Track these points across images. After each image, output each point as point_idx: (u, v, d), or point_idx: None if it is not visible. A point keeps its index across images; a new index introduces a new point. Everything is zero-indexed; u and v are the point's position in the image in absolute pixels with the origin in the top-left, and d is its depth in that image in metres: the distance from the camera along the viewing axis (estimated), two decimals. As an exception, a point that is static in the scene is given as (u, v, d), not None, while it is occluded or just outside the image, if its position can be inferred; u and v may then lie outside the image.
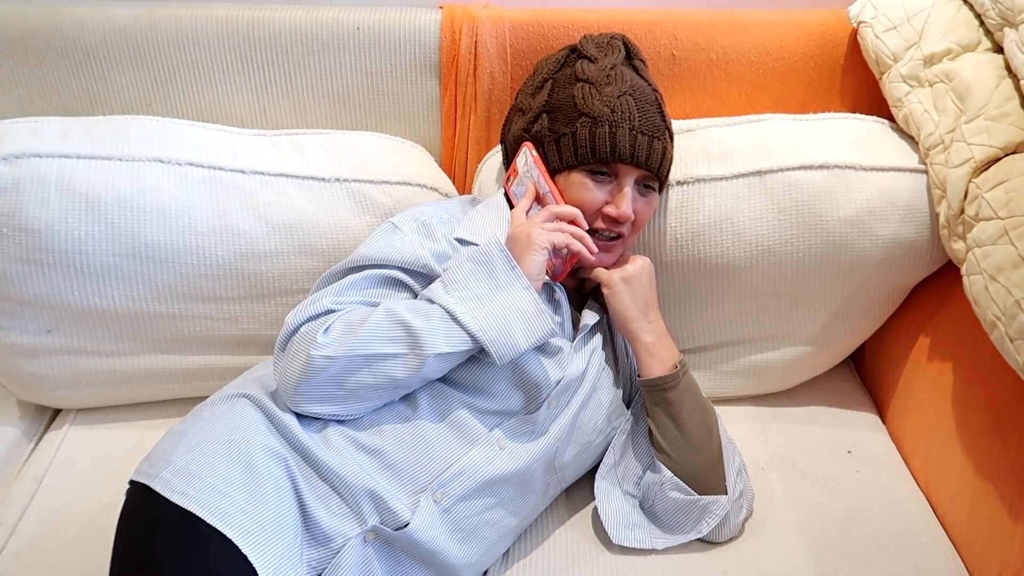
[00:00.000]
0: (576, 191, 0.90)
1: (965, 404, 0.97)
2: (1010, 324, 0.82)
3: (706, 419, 0.92)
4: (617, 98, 0.89)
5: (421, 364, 0.79)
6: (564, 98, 0.92)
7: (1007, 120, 0.93)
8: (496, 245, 0.83)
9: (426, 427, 0.83)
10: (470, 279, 0.82)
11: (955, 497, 0.95)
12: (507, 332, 0.80)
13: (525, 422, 0.86)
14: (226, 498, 0.72)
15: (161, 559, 0.69)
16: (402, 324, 0.79)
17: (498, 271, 0.82)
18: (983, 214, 0.90)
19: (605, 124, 0.88)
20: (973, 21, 1.03)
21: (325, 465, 0.78)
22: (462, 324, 0.80)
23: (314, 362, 0.77)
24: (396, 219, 0.91)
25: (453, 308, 0.80)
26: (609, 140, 0.88)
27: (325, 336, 0.78)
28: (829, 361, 1.15)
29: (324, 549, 0.77)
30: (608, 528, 0.91)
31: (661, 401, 0.91)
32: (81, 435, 1.07)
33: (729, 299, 1.07)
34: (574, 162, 0.90)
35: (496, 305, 0.81)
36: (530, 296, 0.82)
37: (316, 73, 1.11)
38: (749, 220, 1.02)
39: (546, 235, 0.84)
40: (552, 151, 0.91)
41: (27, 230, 0.95)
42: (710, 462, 0.91)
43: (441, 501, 0.81)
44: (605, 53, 0.95)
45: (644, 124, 0.89)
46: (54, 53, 1.08)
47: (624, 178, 0.90)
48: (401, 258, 0.85)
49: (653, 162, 0.90)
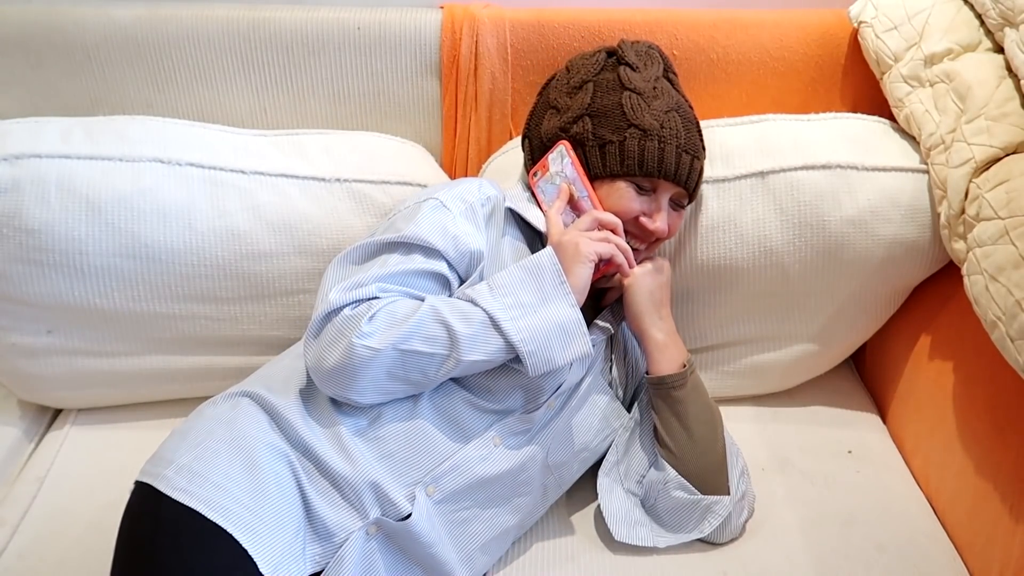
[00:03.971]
0: (617, 200, 0.90)
1: (966, 404, 0.97)
2: (1011, 324, 0.82)
3: (712, 420, 0.93)
4: (665, 113, 0.90)
5: (456, 367, 0.79)
6: (610, 105, 0.91)
7: (1008, 120, 0.93)
8: (549, 257, 0.82)
9: (424, 421, 0.83)
10: (518, 287, 0.81)
11: (956, 497, 0.95)
12: (546, 347, 0.79)
13: (522, 421, 0.86)
14: (226, 494, 0.72)
15: (162, 554, 0.69)
16: (444, 325, 0.78)
17: (547, 283, 0.81)
18: (984, 214, 0.90)
19: (655, 139, 0.88)
20: (974, 21, 1.03)
21: (326, 460, 0.79)
22: (504, 332, 0.79)
23: (356, 350, 0.75)
24: (441, 196, 0.87)
25: (497, 315, 0.79)
26: (658, 155, 0.88)
27: (369, 324, 0.76)
28: (830, 361, 1.15)
29: (327, 544, 0.77)
30: (610, 525, 0.91)
31: (668, 399, 0.91)
32: (82, 435, 1.07)
33: (731, 300, 1.07)
34: (619, 171, 0.89)
35: (539, 318, 0.80)
36: (575, 315, 0.81)
37: (316, 73, 1.11)
38: (752, 221, 1.02)
39: (593, 246, 0.84)
40: (595, 156, 0.90)
41: (27, 230, 0.95)
42: (714, 462, 0.91)
43: (433, 495, 0.81)
44: (646, 64, 0.94)
45: (689, 144, 0.91)
46: (55, 53, 1.08)
47: (663, 194, 0.91)
48: (455, 245, 0.84)
49: (691, 182, 0.92)
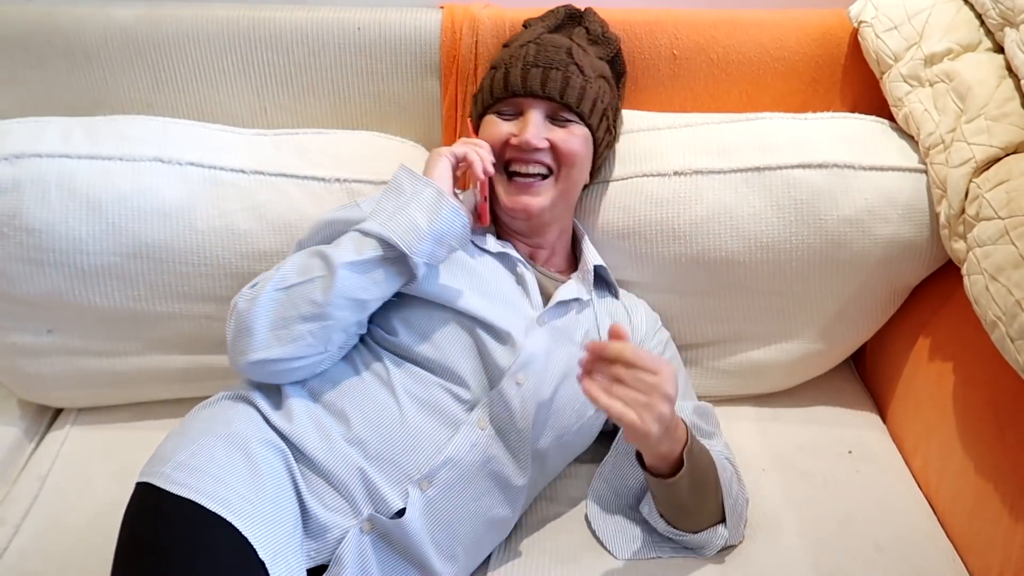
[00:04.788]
0: (488, 132, 0.95)
1: (966, 404, 0.96)
2: (1011, 324, 0.82)
3: (705, 485, 0.85)
4: (521, 47, 0.96)
5: (334, 277, 0.80)
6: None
7: (1008, 120, 0.93)
8: (402, 166, 0.87)
9: (410, 416, 0.83)
10: (382, 201, 0.85)
11: (956, 497, 0.95)
12: (408, 221, 0.82)
13: (492, 401, 0.84)
14: (225, 485, 0.73)
15: (165, 543, 0.70)
16: (315, 254, 0.83)
17: (404, 185, 0.85)
18: (984, 214, 0.90)
19: (501, 68, 0.96)
20: (974, 21, 1.02)
21: (318, 458, 0.80)
22: (367, 231, 0.82)
23: (239, 308, 0.82)
24: (360, 200, 0.93)
25: (364, 224, 0.83)
26: (503, 79, 0.94)
27: (249, 289, 0.84)
28: (830, 361, 1.15)
29: (321, 541, 0.78)
30: (611, 548, 0.90)
31: (661, 487, 0.85)
32: (83, 435, 1.07)
33: (728, 294, 1.07)
34: (480, 110, 0.98)
35: (404, 210, 0.83)
36: (431, 189, 0.84)
37: (317, 73, 1.11)
38: (748, 215, 1.02)
39: (447, 148, 0.89)
40: (473, 112, 1.00)
41: (28, 230, 0.95)
42: (710, 514, 0.88)
43: (427, 490, 0.81)
44: (541, 21, 1.04)
45: (539, 59, 0.94)
46: (55, 53, 1.08)
47: (530, 112, 0.93)
48: (347, 218, 0.88)
49: (551, 90, 0.92)
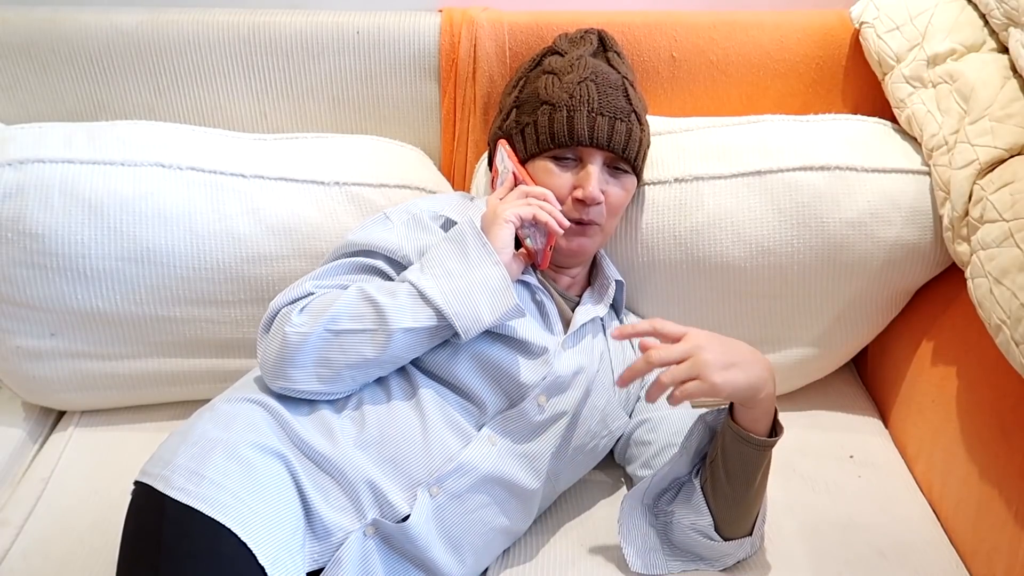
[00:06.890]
0: (542, 178, 0.91)
1: (969, 408, 0.95)
2: (1015, 327, 0.81)
3: (764, 480, 0.86)
4: (577, 84, 0.91)
5: (388, 339, 0.80)
6: (531, 91, 0.95)
7: (1012, 121, 0.92)
8: (469, 223, 0.85)
9: (426, 422, 0.84)
10: (444, 258, 0.83)
11: (959, 503, 0.94)
12: (471, 306, 0.81)
13: (513, 419, 0.86)
14: (224, 491, 0.73)
15: (168, 544, 0.71)
16: (369, 301, 0.81)
17: (470, 248, 0.83)
18: (988, 216, 0.89)
19: (563, 109, 0.90)
20: (977, 21, 1.02)
21: (325, 458, 0.80)
22: (428, 298, 0.81)
23: (288, 339, 0.80)
24: (390, 210, 0.93)
25: (421, 284, 0.81)
26: (567, 124, 0.90)
27: (300, 315, 0.81)
28: (831, 365, 1.14)
29: (325, 543, 0.78)
30: (627, 555, 0.88)
31: (750, 457, 0.83)
32: (86, 437, 1.08)
33: (730, 299, 1.07)
34: (536, 150, 0.92)
35: (465, 281, 0.82)
36: (499, 272, 0.82)
37: (316, 77, 1.12)
38: (749, 220, 1.02)
39: (512, 209, 0.85)
40: (519, 142, 0.94)
41: (31, 234, 0.96)
42: (752, 513, 0.87)
43: (436, 495, 0.81)
44: (576, 46, 0.98)
45: (604, 106, 0.90)
46: (58, 59, 1.09)
47: (590, 162, 0.91)
48: (386, 247, 0.87)
49: (616, 143, 0.91)
